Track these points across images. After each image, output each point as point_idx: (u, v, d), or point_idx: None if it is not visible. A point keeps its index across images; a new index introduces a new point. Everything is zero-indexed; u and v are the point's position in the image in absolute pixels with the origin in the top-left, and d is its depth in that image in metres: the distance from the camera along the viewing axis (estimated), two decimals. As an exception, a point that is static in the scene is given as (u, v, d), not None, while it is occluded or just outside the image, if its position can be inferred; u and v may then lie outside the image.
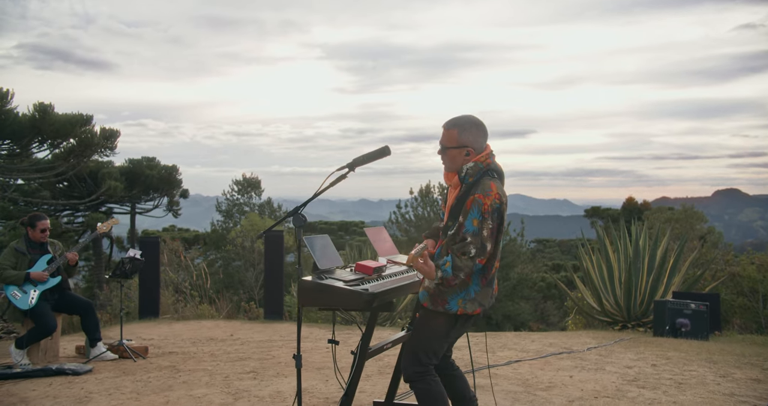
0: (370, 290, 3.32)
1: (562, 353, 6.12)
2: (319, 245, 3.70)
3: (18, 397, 4.69)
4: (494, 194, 3.04)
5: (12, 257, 6.00)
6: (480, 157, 3.18)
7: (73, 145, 16.77)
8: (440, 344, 3.22)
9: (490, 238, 3.03)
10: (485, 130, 3.22)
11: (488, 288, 3.17)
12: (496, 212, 3.03)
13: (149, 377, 5.26)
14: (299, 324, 3.66)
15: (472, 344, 6.70)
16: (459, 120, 3.19)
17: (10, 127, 15.94)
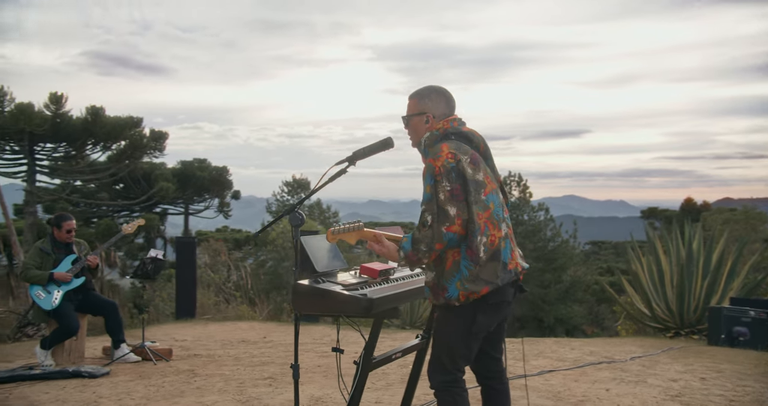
0: (369, 295, 3.03)
1: (601, 363, 5.70)
2: (318, 245, 3.45)
3: (29, 400, 4.61)
4: (445, 154, 2.78)
5: (37, 256, 5.98)
6: (438, 124, 2.96)
7: (124, 146, 17.08)
8: (464, 344, 2.85)
9: (451, 201, 2.73)
10: (449, 98, 3.02)
11: (492, 262, 2.78)
12: (452, 171, 2.75)
13: (164, 382, 5.12)
14: (296, 331, 3.41)
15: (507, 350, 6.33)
16: (421, 89, 3.05)
17: (64, 130, 16.38)
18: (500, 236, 2.85)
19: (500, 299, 2.86)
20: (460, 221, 2.74)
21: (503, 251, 2.85)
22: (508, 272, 2.85)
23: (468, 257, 2.78)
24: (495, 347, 3.12)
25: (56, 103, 15.90)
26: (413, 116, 3.02)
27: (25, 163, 16.36)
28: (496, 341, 3.11)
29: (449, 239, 2.73)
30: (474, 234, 2.77)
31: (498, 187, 3.01)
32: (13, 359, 6.27)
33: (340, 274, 3.51)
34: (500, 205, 2.94)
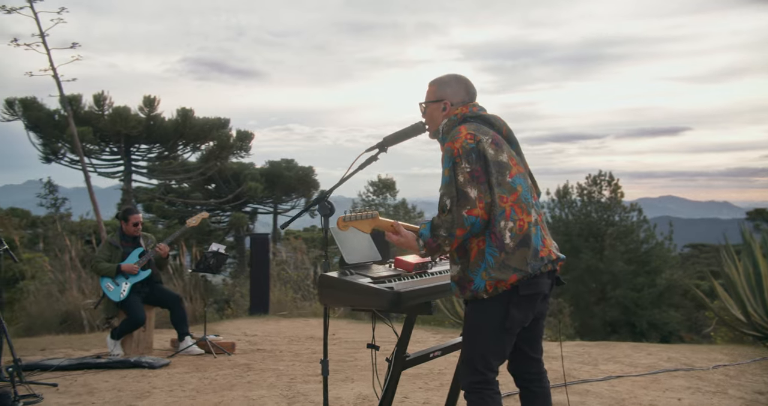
0: (396, 288, 2.87)
1: (678, 370, 5.26)
2: (349, 236, 3.31)
3: (88, 387, 4.73)
4: (464, 135, 2.62)
5: (107, 250, 6.18)
6: (456, 110, 2.80)
7: (212, 146, 17.63)
8: (496, 341, 2.64)
9: (471, 183, 2.55)
10: (469, 86, 2.88)
11: (522, 249, 2.56)
12: (472, 152, 2.58)
13: (218, 375, 5.14)
14: (326, 325, 3.29)
15: (577, 354, 5.98)
16: (441, 76, 2.92)
17: (157, 132, 17.11)
18: (529, 221, 2.64)
19: (534, 291, 2.64)
20: (482, 203, 2.55)
21: (534, 237, 2.63)
22: (539, 260, 2.62)
23: (492, 243, 2.58)
24: (532, 346, 2.88)
25: (149, 106, 16.62)
26: (430, 103, 2.90)
27: (122, 163, 17.18)
28: (534, 339, 2.87)
29: (471, 223, 2.54)
30: (498, 218, 2.58)
31: (525, 172, 2.79)
32: (90, 348, 6.52)
33: (374, 266, 3.37)
34: (529, 189, 2.73)
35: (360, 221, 2.74)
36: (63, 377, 5.05)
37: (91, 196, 10.48)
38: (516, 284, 2.58)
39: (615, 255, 19.61)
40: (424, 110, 2.93)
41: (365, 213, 2.73)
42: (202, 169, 17.97)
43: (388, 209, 25.53)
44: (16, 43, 10.77)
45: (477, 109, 2.82)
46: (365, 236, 3.41)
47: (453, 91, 2.85)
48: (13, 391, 4.25)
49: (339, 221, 2.73)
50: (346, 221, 2.72)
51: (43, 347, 6.60)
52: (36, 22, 10.67)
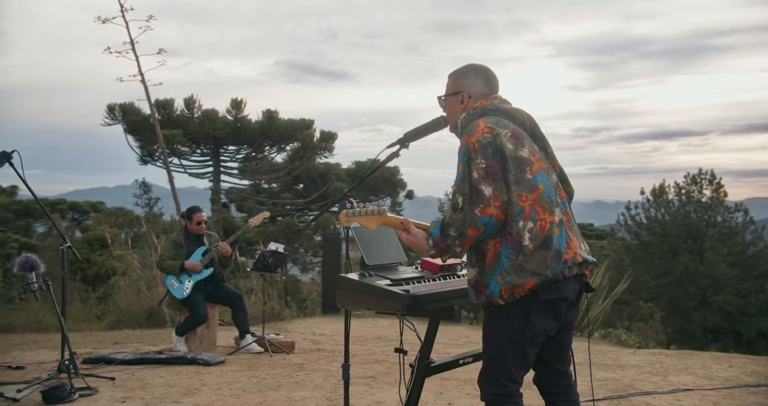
0: (412, 291, 2.73)
1: (759, 386, 4.78)
2: (372, 237, 3.19)
3: (143, 382, 4.85)
4: (481, 129, 2.45)
5: (171, 248, 6.34)
6: (475, 104, 2.63)
7: (297, 147, 17.93)
8: (517, 350, 2.45)
9: (486, 179, 2.37)
10: (490, 77, 2.69)
11: (542, 251, 2.36)
12: (489, 147, 2.41)
13: (268, 374, 5.15)
14: (347, 328, 3.21)
15: (648, 363, 5.58)
16: (459, 67, 2.74)
17: (244, 133, 17.58)
18: (552, 221, 2.43)
19: (555, 296, 2.43)
20: (497, 202, 2.38)
21: (556, 239, 2.42)
22: (562, 263, 2.41)
23: (509, 245, 2.40)
24: (558, 357, 2.66)
25: (236, 108, 17.12)
26: (449, 96, 2.73)
27: (211, 164, 17.79)
28: (559, 349, 2.65)
29: (484, 223, 2.37)
30: (515, 218, 2.39)
31: (549, 168, 2.58)
32: (159, 343, 6.72)
33: (401, 268, 3.25)
34: (552, 186, 2.52)
35: (365, 216, 2.60)
36: (123, 370, 5.21)
37: (174, 196, 10.87)
38: (534, 288, 2.38)
39: (717, 258, 18.37)
40: (443, 104, 2.79)
41: (371, 208, 2.60)
42: (287, 170, 18.31)
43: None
44: (108, 51, 11.35)
45: (498, 101, 2.65)
46: (390, 235, 3.29)
47: (471, 83, 2.69)
48: (69, 383, 4.41)
49: (341, 215, 2.60)
50: (348, 215, 2.59)
51: (116, 340, 6.87)
52: (126, 31, 11.20)
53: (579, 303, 2.62)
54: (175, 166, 17.05)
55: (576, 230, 2.59)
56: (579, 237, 2.58)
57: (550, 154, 2.69)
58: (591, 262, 2.56)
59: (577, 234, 2.58)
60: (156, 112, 16.75)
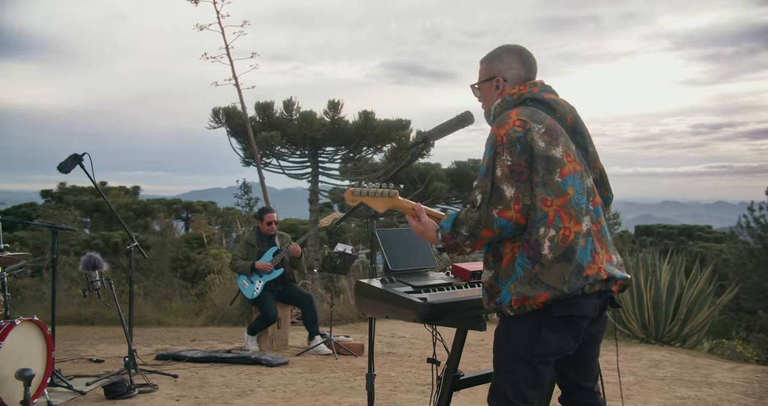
0: (430, 299, 2.54)
1: None
2: (398, 240, 3.01)
3: (203, 381, 4.91)
4: (512, 121, 2.20)
5: (244, 248, 6.43)
6: (512, 90, 2.36)
7: (392, 148, 17.92)
8: (528, 368, 2.22)
9: (509, 179, 2.15)
10: (526, 58, 2.41)
11: (561, 263, 2.13)
12: (517, 142, 2.17)
13: (326, 377, 5.07)
14: (371, 336, 3.04)
15: (746, 381, 5.03)
16: (492, 51, 2.47)
17: (341, 134, 17.78)
18: (578, 231, 2.18)
19: (572, 313, 2.18)
20: (518, 205, 2.16)
21: (580, 251, 2.17)
22: (583, 278, 2.15)
23: (525, 253, 2.17)
24: (581, 372, 2.40)
25: (334, 110, 17.34)
26: (483, 83, 2.48)
27: (309, 165, 18.12)
28: (582, 364, 2.40)
29: (501, 226, 2.16)
30: (536, 224, 2.16)
31: (585, 170, 2.30)
32: (234, 342, 6.83)
33: (431, 273, 3.05)
34: (584, 192, 2.25)
35: (373, 197, 2.40)
36: (189, 368, 5.31)
37: (264, 196, 11.13)
38: (548, 302, 2.14)
39: None
40: (477, 92, 2.53)
41: (382, 189, 2.40)
42: (385, 170, 18.34)
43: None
44: (206, 57, 11.80)
45: (539, 89, 2.37)
46: (417, 239, 3.09)
47: (505, 65, 2.42)
48: (129, 379, 4.53)
49: (347, 193, 2.42)
50: (355, 194, 2.40)
51: (194, 337, 7.06)
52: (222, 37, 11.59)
53: (604, 316, 2.34)
54: (274, 167, 17.51)
55: (607, 241, 2.31)
56: (610, 249, 2.31)
57: (591, 153, 2.42)
58: (619, 278, 2.27)
59: (608, 246, 2.30)
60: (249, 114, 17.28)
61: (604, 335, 2.42)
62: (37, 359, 4.10)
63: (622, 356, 6.44)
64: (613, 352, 6.80)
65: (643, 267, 8.55)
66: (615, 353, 6.62)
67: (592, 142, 2.43)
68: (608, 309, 2.36)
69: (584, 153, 2.38)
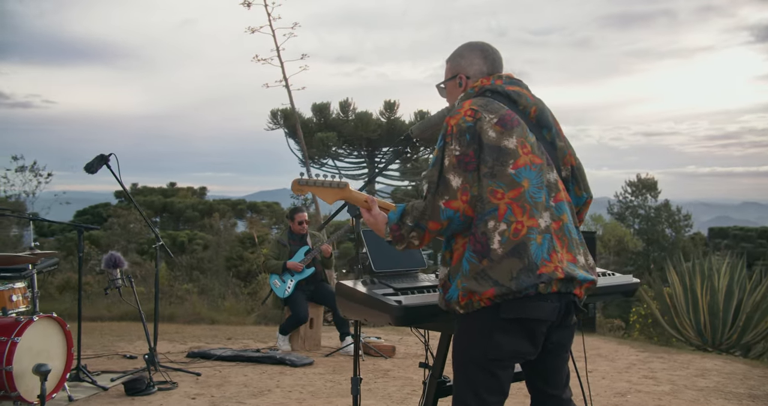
0: (404, 302, 2.42)
1: None
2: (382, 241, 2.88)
3: (224, 380, 4.93)
4: (464, 110, 2.11)
5: (276, 248, 6.45)
6: (475, 83, 2.26)
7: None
8: (485, 372, 2.08)
9: (456, 169, 2.05)
10: (489, 53, 2.31)
11: (511, 259, 1.99)
12: (467, 132, 2.07)
13: (346, 379, 5.00)
14: (356, 340, 2.95)
15: None
16: (456, 48, 2.38)
17: (397, 134, 17.74)
18: (532, 226, 2.04)
19: (522, 315, 2.03)
20: (466, 196, 2.05)
21: (535, 248, 2.03)
22: (535, 276, 2.01)
23: (471, 247, 2.05)
24: (549, 381, 2.27)
25: (390, 110, 17.32)
26: (447, 81, 2.40)
27: (365, 166, 18.16)
28: (551, 373, 2.25)
29: (448, 217, 2.06)
30: (483, 217, 2.04)
31: (546, 164, 2.15)
32: (269, 341, 6.86)
33: (421, 276, 2.93)
34: (542, 186, 2.11)
35: (321, 188, 2.30)
36: (215, 366, 5.36)
37: (313, 197, 11.17)
38: (495, 300, 2.01)
39: None
40: (443, 92, 2.46)
41: (331, 180, 2.30)
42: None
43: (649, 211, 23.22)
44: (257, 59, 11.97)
45: (503, 81, 2.26)
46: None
47: (467, 62, 2.33)
48: (149, 376, 4.58)
49: (293, 182, 2.30)
50: (301, 184, 2.28)
51: (230, 336, 7.13)
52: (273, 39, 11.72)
53: (571, 323, 2.17)
54: (330, 167, 17.64)
55: (570, 240, 2.14)
56: (573, 249, 2.14)
57: (561, 148, 2.27)
58: (584, 280, 2.10)
59: (570, 245, 2.13)
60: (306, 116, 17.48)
61: (653, 341, 2.26)
62: (56, 354, 4.19)
63: (668, 363, 6.11)
64: (663, 359, 6.48)
65: (699, 271, 8.11)
66: (664, 360, 6.31)
67: (563, 137, 2.29)
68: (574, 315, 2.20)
69: (550, 147, 2.23)
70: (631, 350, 6.94)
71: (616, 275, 3.09)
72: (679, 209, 22.97)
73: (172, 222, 24.94)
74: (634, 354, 6.67)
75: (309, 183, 2.30)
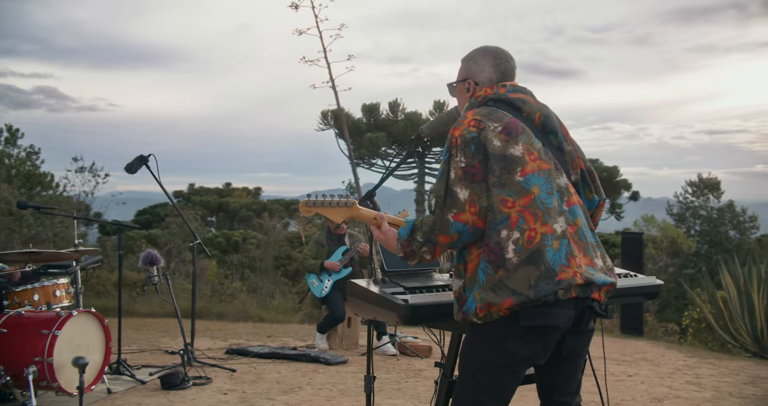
0: (411, 301, 2.42)
1: None
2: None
3: (259, 376, 5.02)
4: (467, 121, 2.09)
5: (314, 248, 6.51)
6: (480, 92, 2.23)
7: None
8: (491, 378, 2.06)
9: (463, 181, 2.03)
10: (501, 60, 2.26)
11: (527, 267, 1.96)
12: (471, 143, 2.04)
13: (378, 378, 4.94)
14: (369, 338, 2.96)
15: None
16: (471, 51, 2.34)
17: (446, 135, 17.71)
18: (546, 232, 2.01)
19: (541, 323, 2.00)
20: (475, 208, 2.03)
21: (551, 254, 1.99)
22: (554, 283, 1.97)
23: (486, 257, 2.03)
24: (560, 386, 2.22)
25: (439, 110, 17.27)
26: (458, 83, 2.38)
27: (416, 166, 18.16)
28: (563, 379, 2.20)
29: (458, 230, 2.05)
30: (496, 227, 2.01)
31: (554, 169, 2.12)
32: (308, 339, 6.94)
33: (436, 275, 2.92)
34: (552, 191, 2.07)
35: (329, 208, 2.33)
36: (251, 363, 5.45)
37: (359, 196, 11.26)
38: (514, 309, 1.97)
39: None
40: (452, 92, 2.44)
41: (338, 200, 2.32)
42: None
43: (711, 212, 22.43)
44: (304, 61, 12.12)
45: (506, 89, 2.23)
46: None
47: (478, 68, 2.30)
48: (183, 372, 4.70)
49: (301, 204, 2.34)
50: (309, 205, 2.31)
51: (270, 334, 7.24)
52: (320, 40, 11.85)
53: (587, 328, 2.12)
54: (379, 168, 17.72)
55: (587, 243, 2.10)
56: (590, 252, 2.10)
57: (569, 152, 2.21)
58: (603, 283, 2.06)
59: (587, 249, 2.09)
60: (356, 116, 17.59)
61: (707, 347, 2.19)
62: (94, 348, 4.33)
63: (717, 369, 5.89)
64: (712, 365, 6.25)
65: (756, 275, 7.79)
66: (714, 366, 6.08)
67: (570, 141, 2.24)
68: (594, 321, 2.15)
69: (558, 152, 2.19)
70: (678, 355, 6.73)
71: (639, 276, 3.01)
72: (745, 209, 22.07)
73: (227, 221, 25.52)
74: (682, 359, 6.46)
75: (317, 204, 2.32)
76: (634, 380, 5.28)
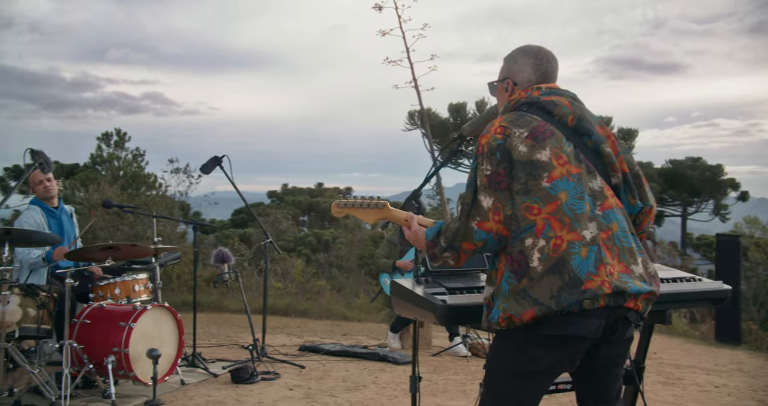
0: (449, 301, 2.38)
1: None
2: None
3: (326, 373, 5.08)
4: (494, 128, 2.04)
5: (386, 247, 6.53)
6: (514, 95, 2.18)
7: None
8: (515, 385, 2.02)
9: (487, 189, 2.00)
10: (542, 61, 2.20)
11: (551, 277, 1.90)
12: (497, 151, 2.00)
13: (444, 379, 4.96)
14: (415, 338, 2.92)
15: None
16: (514, 49, 2.29)
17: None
18: (573, 240, 1.93)
19: (563, 333, 1.94)
20: (499, 216, 1.99)
21: (578, 262, 1.92)
22: (578, 293, 1.89)
23: (509, 266, 1.99)
24: (598, 396, 2.14)
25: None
26: (498, 83, 2.32)
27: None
28: (600, 389, 2.11)
29: (481, 238, 2.02)
30: (520, 235, 1.97)
31: (585, 173, 2.02)
32: (383, 338, 6.97)
33: (483, 275, 2.87)
34: (582, 195, 1.98)
35: (360, 209, 2.33)
36: (321, 360, 5.53)
37: (440, 195, 11.20)
38: (538, 319, 1.91)
39: None
40: (493, 91, 2.39)
41: (369, 201, 2.32)
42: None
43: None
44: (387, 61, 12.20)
45: (540, 92, 2.16)
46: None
47: (518, 68, 2.24)
48: (253, 366, 4.83)
49: (333, 205, 2.36)
50: (340, 206, 2.33)
51: (345, 332, 7.32)
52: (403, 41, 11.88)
53: (622, 338, 2.02)
54: (466, 167, 17.57)
55: (622, 249, 2.00)
56: (626, 259, 1.99)
57: (608, 155, 2.10)
58: (638, 292, 1.95)
59: (622, 255, 1.99)
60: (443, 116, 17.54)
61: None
62: (168, 341, 4.53)
63: None
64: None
65: None
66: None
67: (612, 144, 2.13)
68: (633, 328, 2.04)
69: (593, 154, 2.09)
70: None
71: (704, 281, 2.84)
72: None
73: (319, 221, 26.07)
74: (781, 372, 6.01)
75: (348, 205, 2.34)
76: (720, 391, 4.96)
